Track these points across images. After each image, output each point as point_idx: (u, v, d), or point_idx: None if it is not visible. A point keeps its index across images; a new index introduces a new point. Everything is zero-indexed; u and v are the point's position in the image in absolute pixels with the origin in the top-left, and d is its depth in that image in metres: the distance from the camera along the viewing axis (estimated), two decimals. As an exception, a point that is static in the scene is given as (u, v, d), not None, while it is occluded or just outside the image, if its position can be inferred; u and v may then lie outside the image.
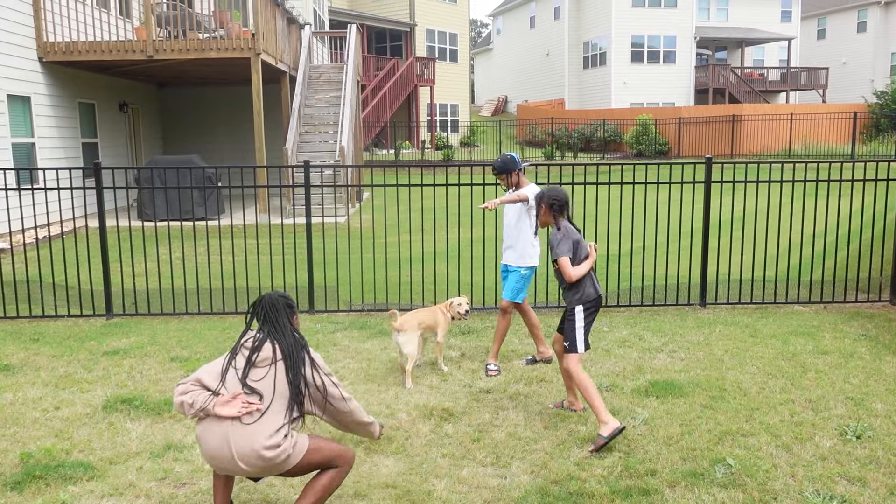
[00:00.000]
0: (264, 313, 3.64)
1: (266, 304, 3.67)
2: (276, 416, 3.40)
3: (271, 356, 3.50)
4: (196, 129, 22.58)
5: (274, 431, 3.36)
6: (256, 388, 3.43)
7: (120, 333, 7.42)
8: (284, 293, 3.77)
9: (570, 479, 4.16)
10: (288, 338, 3.58)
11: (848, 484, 4.06)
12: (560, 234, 4.94)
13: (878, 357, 6.33)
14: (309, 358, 3.59)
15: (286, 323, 3.64)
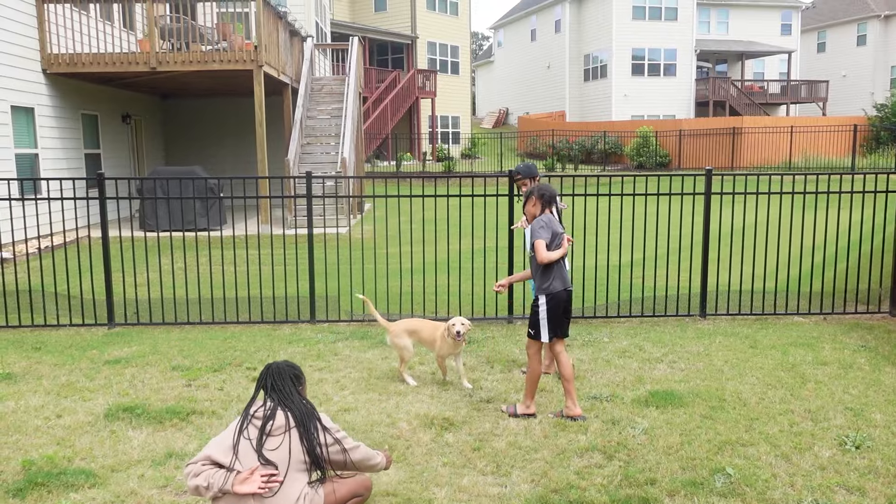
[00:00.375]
0: (271, 382, 3.64)
1: (273, 373, 3.68)
2: (296, 484, 3.41)
3: (284, 424, 3.48)
4: (198, 141, 22.68)
5: (295, 500, 3.38)
6: (272, 459, 3.40)
7: (122, 342, 7.45)
8: (291, 363, 3.78)
9: (571, 487, 4.17)
10: (298, 404, 3.58)
11: (847, 493, 4.08)
12: (543, 221, 5.19)
13: (878, 368, 6.35)
14: (321, 424, 3.58)
15: (293, 391, 3.64)
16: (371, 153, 30.76)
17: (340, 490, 3.58)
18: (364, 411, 5.43)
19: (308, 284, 8.40)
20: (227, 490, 3.33)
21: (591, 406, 5.51)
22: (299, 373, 3.76)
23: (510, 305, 8.35)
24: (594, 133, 33.91)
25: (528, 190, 5.49)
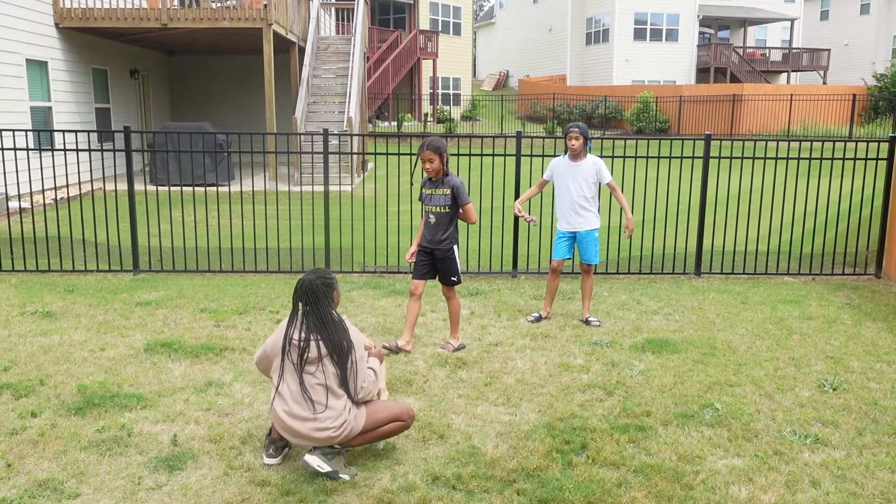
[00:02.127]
0: (305, 300, 3.90)
1: (306, 290, 3.91)
2: (339, 401, 3.84)
3: (317, 355, 3.86)
4: (203, 97, 22.88)
5: (336, 418, 3.81)
6: (312, 383, 3.83)
7: (149, 287, 7.88)
8: (322, 272, 4.01)
9: (574, 417, 4.64)
10: (329, 327, 3.86)
11: (822, 426, 4.56)
12: (460, 181, 5.75)
13: (859, 323, 6.82)
14: (354, 350, 3.90)
15: (326, 308, 3.90)
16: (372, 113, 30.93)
17: (381, 412, 4.01)
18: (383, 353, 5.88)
19: (323, 237, 8.81)
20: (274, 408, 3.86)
21: (591, 350, 5.97)
22: (331, 281, 4.00)
23: (514, 260, 8.78)
24: (595, 97, 34.09)
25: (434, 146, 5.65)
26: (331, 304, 3.97)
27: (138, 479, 3.84)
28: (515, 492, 3.71)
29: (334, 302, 4.03)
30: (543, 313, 6.87)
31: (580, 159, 6.69)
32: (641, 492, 3.72)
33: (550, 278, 6.91)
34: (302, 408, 3.83)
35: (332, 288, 4.01)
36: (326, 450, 3.87)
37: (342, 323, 3.96)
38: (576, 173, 6.67)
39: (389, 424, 4.00)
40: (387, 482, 3.81)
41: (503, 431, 4.44)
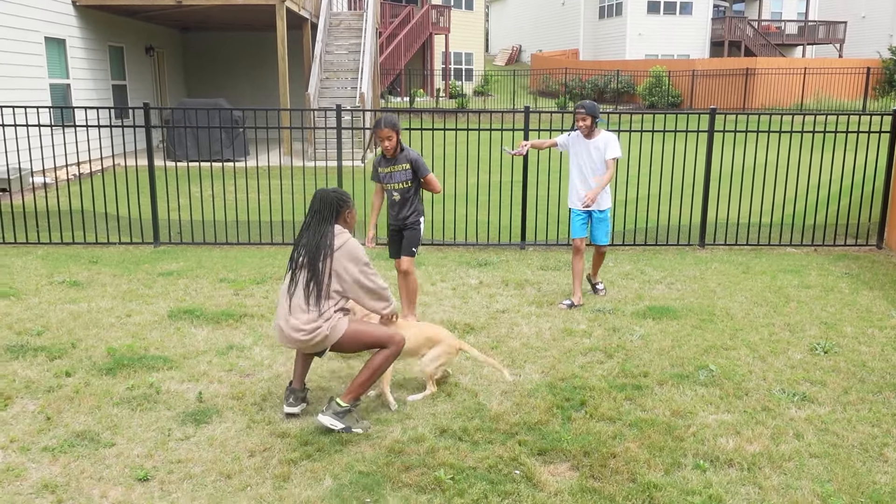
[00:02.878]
0: (315, 208, 4.15)
1: (318, 199, 4.16)
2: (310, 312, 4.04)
3: (304, 262, 4.08)
4: (218, 74, 23.10)
5: (309, 322, 4.03)
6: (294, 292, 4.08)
7: (169, 259, 8.19)
8: (339, 190, 4.23)
9: (575, 377, 4.91)
10: (315, 241, 4.06)
11: (810, 385, 4.80)
12: (417, 154, 5.83)
13: (856, 291, 7.03)
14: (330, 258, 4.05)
15: (329, 220, 4.10)
16: (384, 89, 31.04)
17: (366, 336, 4.21)
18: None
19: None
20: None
21: (594, 317, 6.23)
22: (346, 199, 4.21)
23: (523, 233, 9.01)
24: (607, 72, 34.00)
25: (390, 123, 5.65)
26: (337, 219, 4.15)
27: (168, 430, 4.14)
28: (517, 443, 3.99)
29: (346, 222, 4.21)
30: (575, 300, 6.59)
31: (594, 136, 6.54)
32: (635, 443, 3.99)
33: (574, 260, 6.69)
34: (282, 308, 4.12)
35: (346, 205, 4.20)
36: (336, 408, 4.11)
37: (331, 240, 4.07)
38: (590, 150, 6.52)
39: (379, 356, 4.18)
40: (398, 434, 4.10)
41: (507, 390, 4.71)
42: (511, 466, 3.74)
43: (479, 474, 3.66)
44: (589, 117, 6.48)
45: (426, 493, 3.50)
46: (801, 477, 3.64)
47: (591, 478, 3.64)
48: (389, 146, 5.71)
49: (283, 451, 3.91)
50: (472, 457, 3.83)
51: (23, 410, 4.38)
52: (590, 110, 6.50)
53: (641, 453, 3.86)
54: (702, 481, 3.60)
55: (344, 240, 4.15)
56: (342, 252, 4.10)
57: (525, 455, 3.84)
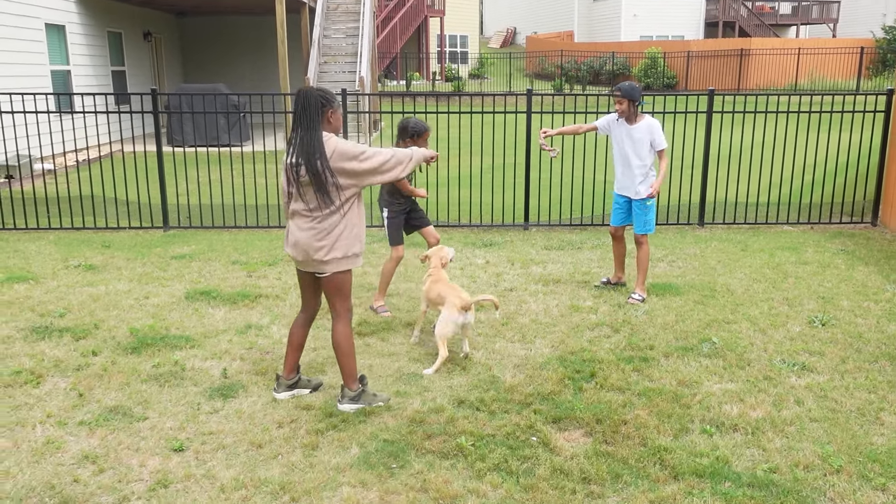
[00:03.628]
0: (297, 107, 3.93)
1: (300, 99, 3.94)
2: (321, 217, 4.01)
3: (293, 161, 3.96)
4: (215, 59, 23.12)
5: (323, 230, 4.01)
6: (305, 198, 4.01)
7: (180, 242, 8.34)
8: (323, 89, 4.02)
9: (584, 350, 5.11)
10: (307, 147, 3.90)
11: (809, 355, 5.01)
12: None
13: (852, 267, 7.24)
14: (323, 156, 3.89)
15: (314, 123, 3.91)
16: (381, 72, 31.06)
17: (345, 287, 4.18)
18: (406, 296, 6.35)
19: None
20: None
21: (599, 294, 6.42)
22: (329, 97, 4.00)
23: (526, 213, 9.19)
24: (602, 54, 34.04)
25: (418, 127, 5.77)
26: (322, 119, 3.97)
27: (197, 405, 4.33)
28: (532, 411, 4.18)
29: (330, 122, 4.02)
30: (613, 278, 6.65)
31: (635, 122, 6.10)
32: (644, 410, 4.19)
33: (613, 245, 6.69)
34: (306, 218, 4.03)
35: (329, 104, 4.00)
36: (349, 393, 4.20)
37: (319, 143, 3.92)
38: (632, 136, 6.12)
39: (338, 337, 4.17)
40: (418, 405, 4.29)
41: (519, 364, 4.91)
42: (528, 433, 3.93)
43: (498, 441, 3.85)
44: (626, 100, 6.02)
45: (449, 459, 3.69)
46: (803, 440, 3.85)
47: (605, 443, 3.84)
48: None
49: (310, 422, 4.10)
50: (490, 425, 4.03)
51: (55, 388, 4.55)
52: (626, 93, 6.02)
53: (651, 420, 4.06)
54: (709, 444, 3.80)
55: (332, 146, 3.95)
56: (335, 158, 3.93)
57: (541, 423, 4.04)
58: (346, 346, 4.22)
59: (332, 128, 4.05)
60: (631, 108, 6.07)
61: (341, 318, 4.23)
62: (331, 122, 4.03)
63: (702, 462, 3.62)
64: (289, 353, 4.41)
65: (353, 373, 4.24)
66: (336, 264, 4.11)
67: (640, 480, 3.48)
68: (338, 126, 4.10)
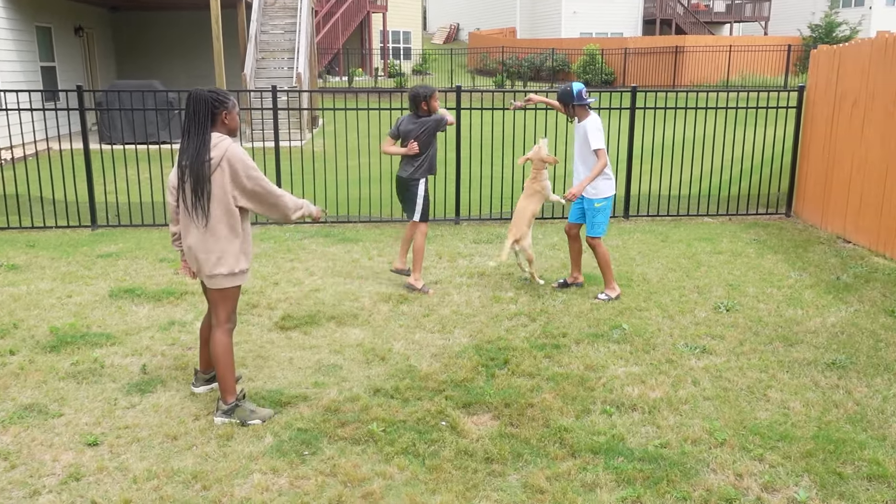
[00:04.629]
0: (188, 116, 3.83)
1: (190, 102, 3.82)
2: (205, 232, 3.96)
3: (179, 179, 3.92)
4: (150, 55, 22.73)
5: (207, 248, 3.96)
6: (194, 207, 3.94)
7: (108, 241, 8.28)
8: (217, 90, 3.91)
9: (500, 339, 5.30)
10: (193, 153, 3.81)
11: (710, 339, 5.29)
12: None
13: (762, 255, 7.60)
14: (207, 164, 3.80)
15: (202, 127, 3.81)
16: (322, 68, 30.93)
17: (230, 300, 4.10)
18: (332, 290, 6.46)
19: (274, 190, 9.27)
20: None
21: (521, 286, 6.62)
22: (223, 98, 3.89)
23: (457, 208, 9.36)
24: (543, 50, 34.48)
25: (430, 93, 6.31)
26: (216, 122, 3.90)
27: (114, 400, 4.38)
28: (444, 397, 4.35)
29: (225, 124, 3.94)
30: (570, 279, 6.61)
31: (583, 119, 6.12)
32: (551, 394, 4.39)
33: (568, 243, 6.65)
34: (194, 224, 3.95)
35: (223, 105, 3.90)
36: (223, 406, 4.06)
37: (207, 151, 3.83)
38: (578, 134, 6.18)
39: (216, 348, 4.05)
40: (334, 395, 4.42)
41: (437, 353, 5.07)
42: (438, 418, 4.10)
43: (408, 426, 4.01)
44: (560, 104, 6.15)
45: (360, 444, 3.83)
46: (695, 416, 4.10)
47: (510, 425, 4.02)
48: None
49: (226, 413, 4.18)
50: (402, 412, 4.18)
51: (-30, 387, 4.54)
52: (559, 97, 6.12)
53: (556, 402, 4.27)
54: (607, 423, 4.02)
55: (222, 150, 3.87)
56: (224, 165, 3.85)
57: (451, 408, 4.21)
58: (223, 357, 4.07)
59: (227, 129, 3.96)
60: (569, 110, 6.15)
61: (221, 326, 4.10)
62: (226, 123, 3.94)
63: (599, 440, 3.83)
64: (202, 349, 4.47)
65: (227, 385, 4.08)
66: (221, 280, 4.01)
67: (539, 458, 3.67)
68: (234, 127, 3.98)
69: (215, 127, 3.92)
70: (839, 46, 8.54)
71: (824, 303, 6.06)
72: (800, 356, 4.95)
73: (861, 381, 4.56)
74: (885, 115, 7.43)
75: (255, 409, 4.13)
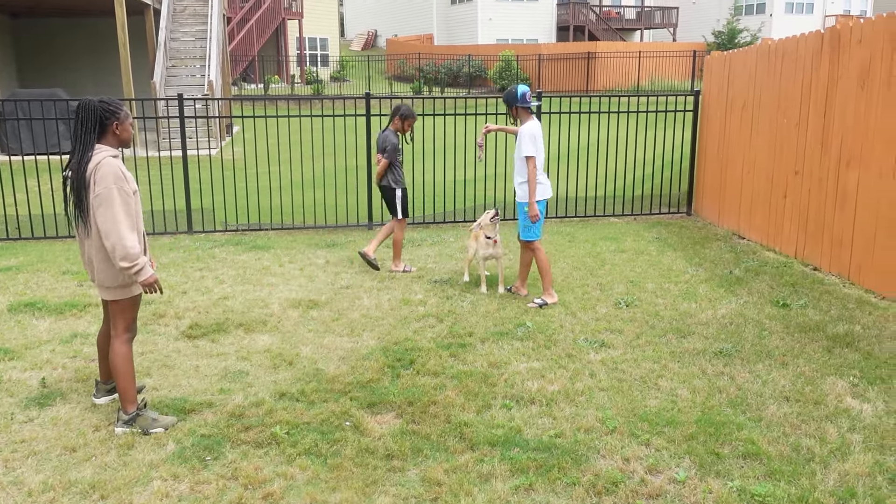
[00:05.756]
0: (76, 127, 3.77)
1: (78, 112, 3.76)
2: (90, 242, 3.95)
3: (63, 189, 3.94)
4: (54, 63, 21.97)
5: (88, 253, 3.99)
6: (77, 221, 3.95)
7: (7, 255, 8.02)
8: (109, 100, 3.85)
9: (407, 340, 5.40)
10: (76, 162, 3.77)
11: (609, 333, 5.52)
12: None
13: (662, 253, 7.95)
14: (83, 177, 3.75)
15: (88, 138, 3.75)
16: (237, 76, 30.48)
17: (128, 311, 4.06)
18: (241, 298, 6.44)
19: (184, 200, 9.14)
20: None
21: (431, 288, 6.75)
22: (114, 108, 3.84)
23: (370, 214, 9.44)
24: (460, 56, 34.88)
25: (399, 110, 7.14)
26: (105, 132, 3.85)
27: (10, 415, 4.28)
28: (349, 399, 4.42)
29: (116, 134, 3.89)
30: (513, 287, 6.60)
31: (524, 122, 6.15)
32: (454, 391, 4.52)
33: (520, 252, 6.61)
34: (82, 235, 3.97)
35: (114, 116, 3.85)
36: (123, 416, 4.05)
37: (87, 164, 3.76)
38: (517, 138, 6.19)
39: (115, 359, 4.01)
40: (239, 400, 4.43)
41: (345, 356, 5.14)
42: (342, 419, 4.17)
43: (312, 428, 4.06)
44: (506, 106, 6.21)
45: (263, 448, 3.87)
46: (589, 407, 4.29)
47: (413, 422, 4.13)
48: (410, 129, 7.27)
49: (128, 423, 4.15)
50: (307, 414, 4.23)
51: None
52: (504, 98, 6.19)
53: (458, 399, 4.40)
54: (506, 417, 4.17)
55: (95, 162, 3.77)
56: (91, 176, 3.76)
57: (355, 409, 4.29)
58: (122, 367, 4.03)
59: (118, 140, 3.91)
60: (512, 111, 6.20)
61: (119, 337, 4.06)
62: (117, 134, 3.89)
63: (497, 433, 3.97)
64: (100, 360, 4.43)
65: (127, 395, 4.05)
66: (107, 292, 4.00)
67: (438, 453, 3.79)
68: (125, 138, 3.92)
69: (105, 137, 3.87)
70: (729, 52, 9.01)
71: (716, 296, 6.41)
72: (690, 346, 5.23)
73: (744, 367, 4.85)
74: (770, 118, 7.89)
75: (158, 418, 4.12)
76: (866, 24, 6.36)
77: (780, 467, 3.60)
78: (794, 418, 4.11)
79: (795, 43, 7.46)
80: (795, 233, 7.50)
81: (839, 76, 6.74)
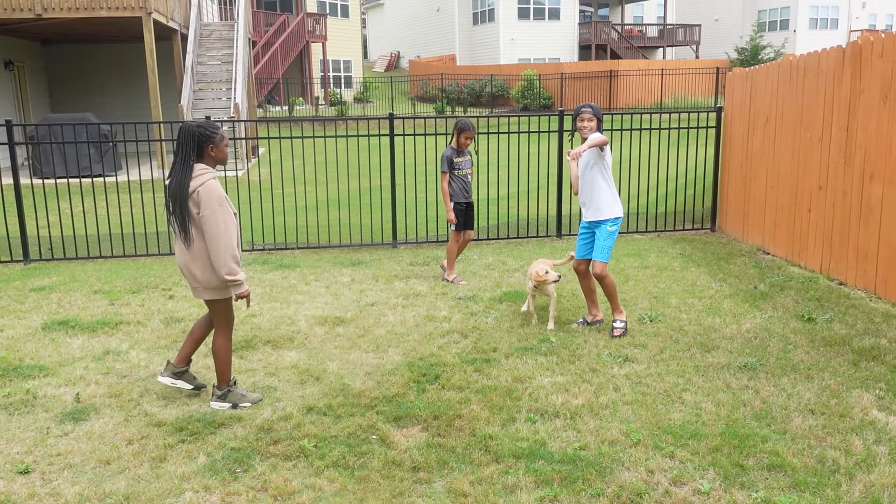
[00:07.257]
0: (178, 140, 4.24)
1: (179, 135, 4.25)
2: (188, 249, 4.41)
3: (165, 203, 4.39)
4: (85, 88, 22.48)
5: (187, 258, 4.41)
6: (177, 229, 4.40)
7: (41, 275, 8.21)
8: (206, 124, 4.31)
9: (432, 356, 5.46)
10: (177, 182, 4.21)
11: (633, 348, 5.54)
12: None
13: (686, 269, 7.95)
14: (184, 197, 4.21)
15: (189, 159, 4.21)
16: (262, 98, 30.95)
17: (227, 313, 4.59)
18: (269, 315, 6.54)
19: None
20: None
21: (455, 304, 6.81)
22: (210, 133, 4.27)
23: (394, 233, 9.54)
24: (482, 76, 35.13)
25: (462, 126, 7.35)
26: (200, 156, 4.27)
27: (46, 429, 4.39)
28: (376, 413, 4.49)
29: (212, 156, 4.32)
30: (588, 318, 6.21)
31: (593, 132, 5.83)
32: (479, 405, 4.57)
33: (579, 281, 6.31)
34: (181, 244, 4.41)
35: (209, 140, 4.28)
36: (217, 392, 4.62)
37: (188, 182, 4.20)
38: (588, 154, 5.87)
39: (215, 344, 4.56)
40: (268, 414, 4.51)
41: (370, 371, 5.21)
42: (369, 432, 4.23)
43: (339, 441, 4.13)
44: (595, 119, 5.81)
45: (292, 460, 3.94)
46: (613, 420, 4.32)
47: (438, 436, 4.18)
48: (469, 142, 7.40)
49: (160, 437, 4.25)
50: (334, 428, 4.30)
51: None
52: (596, 111, 5.87)
53: (483, 413, 4.45)
54: (531, 430, 4.21)
55: (200, 181, 4.22)
56: (196, 194, 4.21)
57: (382, 422, 4.35)
58: (223, 356, 4.61)
59: (213, 161, 4.34)
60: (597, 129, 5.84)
61: (222, 333, 4.60)
62: (212, 155, 4.32)
63: (521, 446, 4.01)
64: (186, 343, 4.79)
65: (224, 376, 4.62)
66: (204, 293, 4.47)
67: (464, 465, 3.84)
68: (222, 158, 4.36)
69: (202, 158, 4.30)
70: (751, 69, 9.04)
71: (741, 311, 6.40)
72: (715, 361, 5.23)
73: (769, 381, 4.85)
74: (793, 133, 7.89)
75: (245, 394, 4.66)
76: (888, 38, 6.38)
77: (805, 479, 3.60)
78: (819, 431, 4.11)
79: (817, 58, 7.48)
80: (820, 247, 7.47)
81: (861, 90, 6.75)
